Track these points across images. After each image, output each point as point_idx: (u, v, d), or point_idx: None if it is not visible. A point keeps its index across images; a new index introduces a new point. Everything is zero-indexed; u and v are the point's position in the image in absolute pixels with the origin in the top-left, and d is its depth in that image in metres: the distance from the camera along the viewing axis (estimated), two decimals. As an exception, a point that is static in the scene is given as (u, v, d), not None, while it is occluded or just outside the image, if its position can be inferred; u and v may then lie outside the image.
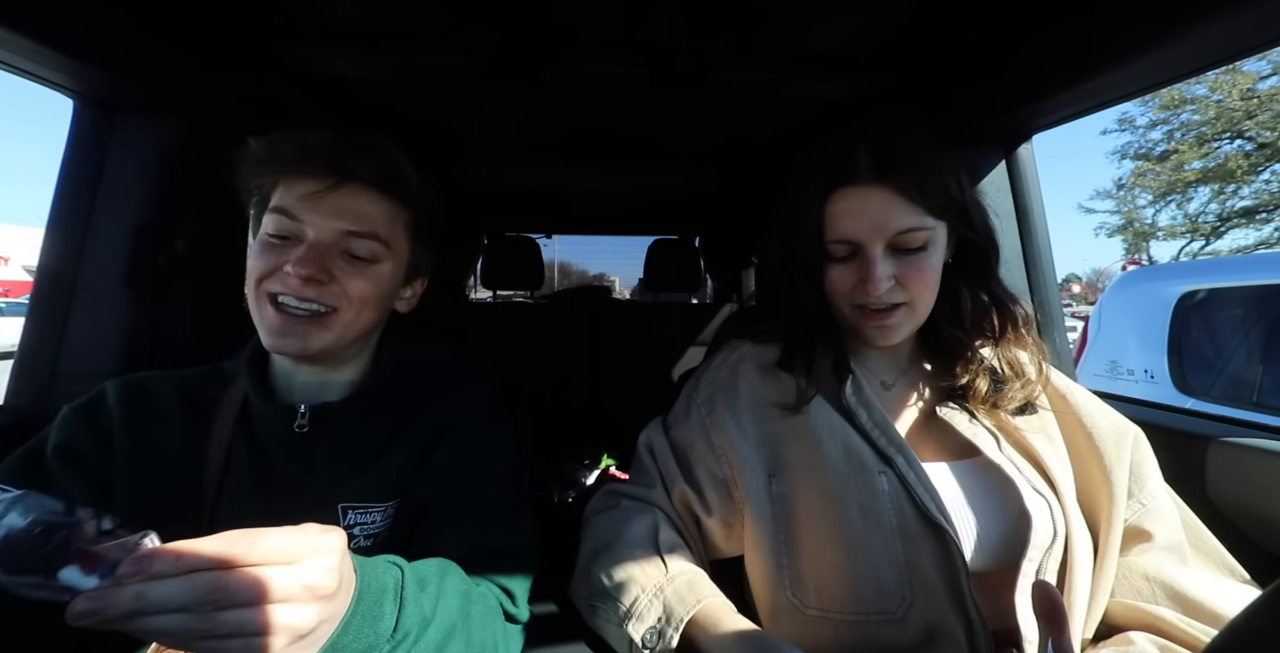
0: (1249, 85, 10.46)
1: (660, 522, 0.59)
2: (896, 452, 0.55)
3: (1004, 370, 0.60)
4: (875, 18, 0.76)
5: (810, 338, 0.62)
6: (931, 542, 0.51)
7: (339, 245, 0.55)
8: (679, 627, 0.48)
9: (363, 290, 0.56)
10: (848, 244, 0.56)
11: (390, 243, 0.58)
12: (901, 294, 0.56)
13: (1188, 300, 2.15)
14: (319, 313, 0.55)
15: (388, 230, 0.58)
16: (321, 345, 0.55)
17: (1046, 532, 0.51)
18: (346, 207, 0.55)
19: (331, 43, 0.81)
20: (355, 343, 0.61)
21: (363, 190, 0.56)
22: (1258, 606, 0.23)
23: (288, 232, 0.55)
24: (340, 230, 0.55)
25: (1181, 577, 0.50)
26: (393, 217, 0.59)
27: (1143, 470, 0.56)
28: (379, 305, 0.60)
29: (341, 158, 0.55)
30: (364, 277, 0.56)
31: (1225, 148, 11.32)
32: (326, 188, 0.54)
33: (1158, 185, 12.65)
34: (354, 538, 0.56)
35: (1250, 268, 2.09)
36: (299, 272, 0.52)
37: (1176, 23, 0.58)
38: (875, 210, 0.54)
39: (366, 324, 0.59)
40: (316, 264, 0.53)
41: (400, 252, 0.60)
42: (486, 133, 1.31)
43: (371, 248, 0.57)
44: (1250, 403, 1.86)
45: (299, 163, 0.55)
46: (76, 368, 0.77)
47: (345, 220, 0.55)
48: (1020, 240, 0.99)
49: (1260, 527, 0.79)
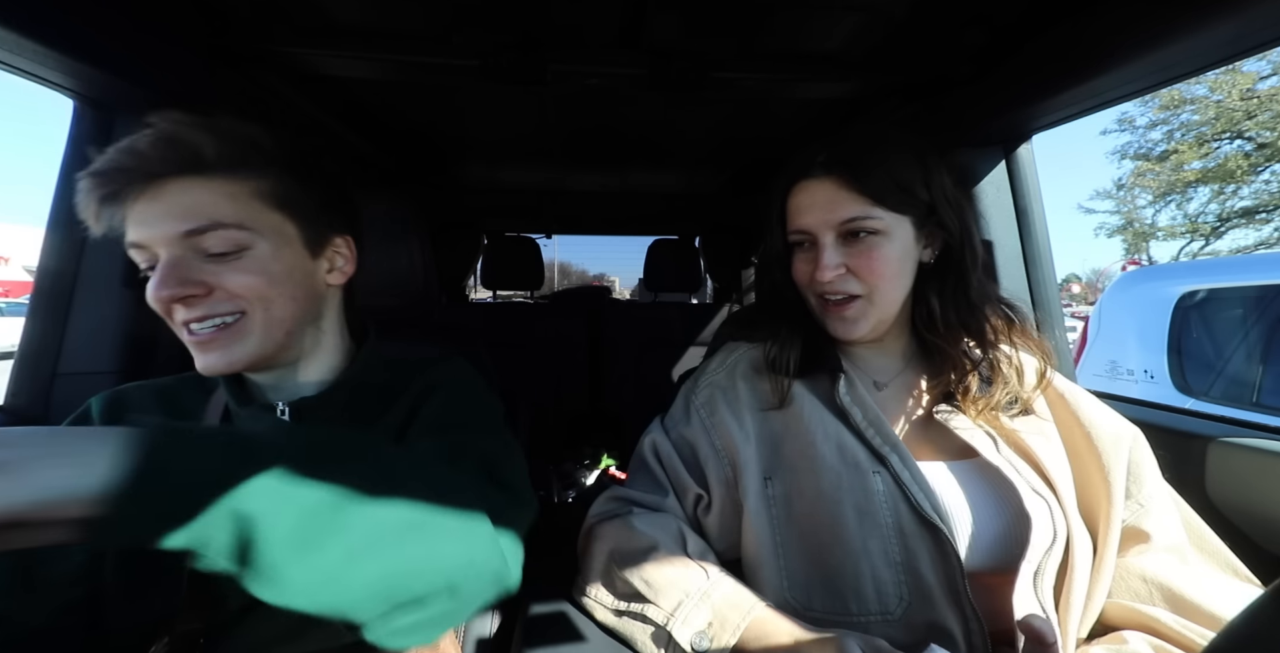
0: (1249, 85, 10.46)
1: (684, 529, 0.59)
2: (891, 450, 0.55)
3: (990, 372, 0.61)
4: (873, 17, 0.76)
5: (791, 337, 0.63)
6: (928, 541, 0.51)
7: (190, 250, 0.49)
8: (736, 633, 0.48)
9: (248, 284, 0.51)
10: (803, 234, 0.61)
11: (246, 223, 0.51)
12: (856, 284, 0.59)
13: (1187, 301, 2.15)
14: (226, 324, 0.51)
15: (233, 211, 0.50)
16: (250, 352, 0.52)
17: (1046, 533, 0.51)
18: (167, 208, 0.49)
19: (331, 43, 0.81)
20: (299, 335, 0.56)
21: (172, 183, 0.49)
22: (1255, 608, 0.23)
23: (148, 261, 0.50)
24: (175, 234, 0.48)
25: (1178, 578, 0.50)
26: (232, 193, 0.51)
27: (1141, 471, 0.56)
28: (287, 291, 0.54)
29: (128, 161, 0.48)
30: (238, 270, 0.50)
31: (1225, 148, 11.33)
32: (135, 199, 0.48)
33: (1157, 185, 12.65)
34: None
35: (1250, 268, 2.09)
36: (161, 295, 0.48)
37: (1175, 23, 0.58)
38: (822, 201, 0.58)
39: (289, 313, 0.54)
40: (175, 280, 0.48)
41: (272, 225, 0.53)
42: (486, 132, 1.31)
43: (224, 238, 0.50)
44: (1250, 403, 1.86)
45: (101, 186, 0.48)
46: (76, 369, 0.77)
47: (172, 222, 0.48)
48: (1020, 240, 0.99)
49: (1260, 526, 0.79)
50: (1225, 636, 0.24)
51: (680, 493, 0.62)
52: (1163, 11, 0.59)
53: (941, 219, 0.59)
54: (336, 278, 0.59)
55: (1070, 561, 0.51)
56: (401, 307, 0.86)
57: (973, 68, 0.82)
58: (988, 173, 0.99)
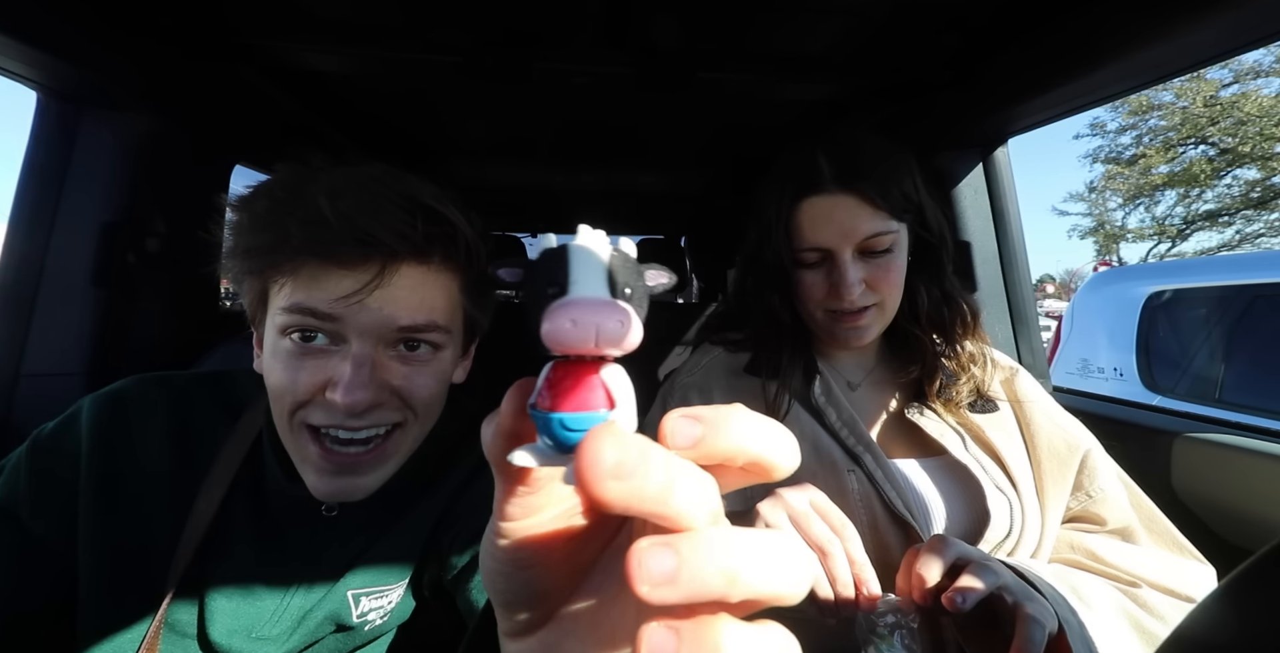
0: (1212, 92, 10.86)
1: None
2: (865, 450, 0.56)
3: (954, 366, 0.62)
4: (855, 21, 0.77)
5: (779, 345, 0.63)
6: (900, 538, 0.53)
7: (391, 345, 0.42)
8: None
9: (430, 392, 0.44)
10: (818, 251, 0.58)
11: (449, 325, 0.45)
12: (872, 296, 0.58)
13: (1155, 301, 2.23)
14: (379, 435, 0.43)
15: (448, 311, 0.44)
16: (384, 479, 0.45)
17: (1003, 529, 0.54)
18: (397, 298, 0.41)
19: (307, 37, 0.79)
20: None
21: (414, 270, 0.42)
22: (1218, 594, 0.24)
23: (317, 331, 0.41)
24: (393, 328, 0.41)
25: (1100, 544, 0.55)
26: (449, 290, 0.45)
27: (1096, 469, 0.59)
28: (445, 396, 0.48)
29: (377, 231, 0.39)
30: (427, 375, 0.44)
31: (1190, 153, 11.75)
32: (366, 285, 0.40)
33: (1127, 189, 13.07)
34: (368, 623, 0.49)
35: (1213, 269, 2.18)
36: (350, 400, 0.39)
37: (1148, 30, 0.61)
38: (842, 218, 0.56)
39: (430, 425, 0.48)
40: (372, 384, 0.40)
41: (459, 324, 0.47)
42: (470, 131, 1.30)
43: (433, 339, 0.44)
44: (1213, 399, 1.93)
45: (315, 250, 0.39)
46: (41, 370, 0.75)
47: (399, 315, 0.41)
48: (996, 241, 1.01)
49: (1220, 517, 0.83)
50: (1192, 619, 0.25)
51: None
52: (1137, 19, 0.61)
53: (926, 219, 0.61)
54: (460, 375, 0.51)
55: (1016, 552, 0.54)
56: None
57: (951, 72, 0.84)
58: (966, 175, 1.01)
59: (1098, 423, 0.66)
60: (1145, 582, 0.50)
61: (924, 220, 0.61)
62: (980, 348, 0.64)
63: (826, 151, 0.58)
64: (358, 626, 0.49)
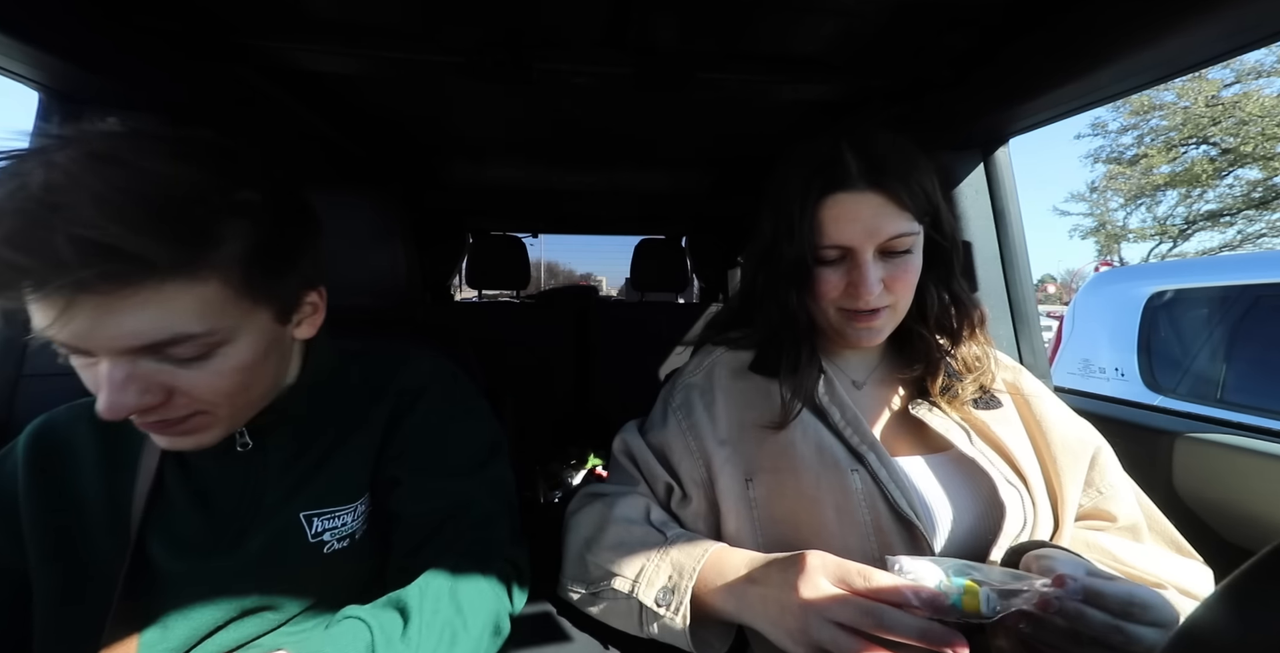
0: (1214, 92, 10.85)
1: (650, 504, 0.60)
2: (869, 449, 0.56)
3: (959, 366, 0.62)
4: (856, 21, 0.77)
5: (796, 344, 0.62)
6: (904, 537, 0.53)
7: (147, 358, 0.39)
8: (693, 575, 0.49)
9: (217, 386, 0.42)
10: (839, 249, 0.56)
11: (215, 328, 0.41)
12: (887, 297, 0.57)
13: (1156, 301, 2.23)
14: (187, 417, 0.43)
15: (204, 315, 0.39)
16: (219, 435, 0.46)
17: (1018, 521, 0.53)
18: (119, 322, 0.36)
19: (308, 38, 0.79)
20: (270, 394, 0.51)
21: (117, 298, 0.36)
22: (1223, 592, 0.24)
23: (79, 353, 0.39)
24: (126, 348, 0.38)
25: (1117, 545, 0.54)
26: (202, 295, 0.39)
27: (1105, 463, 0.60)
28: (261, 373, 0.46)
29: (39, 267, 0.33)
30: (209, 373, 0.41)
31: (1191, 153, 11.73)
32: (54, 320, 0.35)
33: (1128, 189, 13.04)
34: (325, 543, 0.53)
35: (1214, 269, 2.17)
36: (111, 414, 0.38)
37: (1152, 30, 0.60)
38: (868, 216, 0.55)
39: (261, 393, 0.48)
40: (135, 391, 0.39)
41: (243, 316, 0.43)
42: (471, 131, 1.30)
43: (189, 347, 0.40)
44: (1214, 400, 1.93)
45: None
46: (42, 370, 0.75)
47: (122, 339, 0.37)
48: (997, 241, 1.01)
49: (1222, 517, 0.83)
50: (1203, 609, 0.25)
51: (651, 481, 0.63)
52: (1138, 19, 0.61)
53: (940, 221, 0.60)
54: (305, 331, 0.52)
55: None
56: (385, 307, 0.85)
57: (952, 72, 0.84)
58: (966, 175, 1.01)
59: (1099, 423, 0.66)
60: (1169, 584, 0.50)
61: (939, 222, 0.60)
62: (985, 349, 0.64)
63: (852, 147, 0.56)
64: (314, 544, 0.52)
